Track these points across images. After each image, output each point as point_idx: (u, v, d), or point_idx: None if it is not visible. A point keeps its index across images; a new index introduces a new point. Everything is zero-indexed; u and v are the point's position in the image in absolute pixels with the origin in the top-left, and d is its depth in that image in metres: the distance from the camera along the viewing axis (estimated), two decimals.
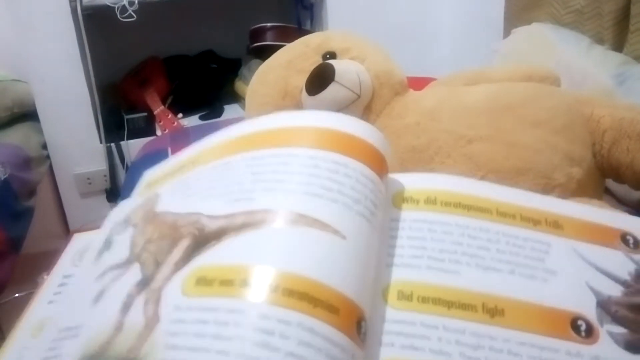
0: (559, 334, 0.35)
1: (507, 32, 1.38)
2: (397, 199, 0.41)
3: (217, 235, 0.34)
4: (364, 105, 0.83)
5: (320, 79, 0.80)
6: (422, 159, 0.78)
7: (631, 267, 0.40)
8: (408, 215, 0.40)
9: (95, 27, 1.77)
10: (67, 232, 1.92)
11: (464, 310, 0.35)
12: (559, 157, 0.74)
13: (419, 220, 0.39)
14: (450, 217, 0.39)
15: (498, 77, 0.88)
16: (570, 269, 0.38)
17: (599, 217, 0.43)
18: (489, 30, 1.55)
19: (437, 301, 0.35)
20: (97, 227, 0.44)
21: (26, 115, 1.81)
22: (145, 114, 1.89)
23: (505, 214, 0.40)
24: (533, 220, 0.41)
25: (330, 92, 0.79)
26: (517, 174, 0.73)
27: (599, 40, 1.18)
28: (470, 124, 0.77)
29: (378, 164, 0.39)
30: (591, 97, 0.85)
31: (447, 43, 1.92)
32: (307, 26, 2.01)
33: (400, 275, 0.37)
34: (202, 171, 0.41)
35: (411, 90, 0.88)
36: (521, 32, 1.29)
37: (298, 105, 0.84)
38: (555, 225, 0.41)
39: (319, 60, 0.86)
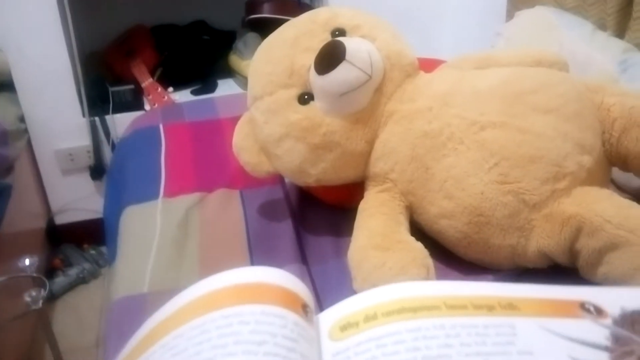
0: None
1: (510, 15, 1.38)
2: (334, 331, 0.38)
3: None
4: (375, 87, 0.80)
5: (330, 57, 0.77)
6: (434, 146, 0.76)
7: (605, 332, 0.38)
8: (350, 342, 0.36)
9: None
10: (48, 212, 1.86)
11: None
12: (570, 145, 0.73)
13: (363, 342, 0.35)
14: (397, 325, 0.36)
15: (508, 61, 0.87)
16: (546, 346, 0.35)
17: (551, 293, 0.40)
18: (492, 13, 1.54)
19: None
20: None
21: (2, 85, 1.72)
22: (132, 86, 1.81)
23: (455, 307, 0.37)
24: (486, 307, 0.38)
25: (341, 72, 0.77)
26: (529, 162, 0.72)
27: (602, 27, 1.18)
28: (482, 110, 0.76)
29: (287, 300, 0.37)
30: (601, 85, 0.84)
31: (451, 25, 1.90)
32: (307, 0, 1.96)
33: None
34: None
35: (422, 72, 0.85)
36: (525, 15, 1.28)
37: (306, 85, 0.81)
38: (510, 307, 0.38)
39: (327, 38, 0.82)
